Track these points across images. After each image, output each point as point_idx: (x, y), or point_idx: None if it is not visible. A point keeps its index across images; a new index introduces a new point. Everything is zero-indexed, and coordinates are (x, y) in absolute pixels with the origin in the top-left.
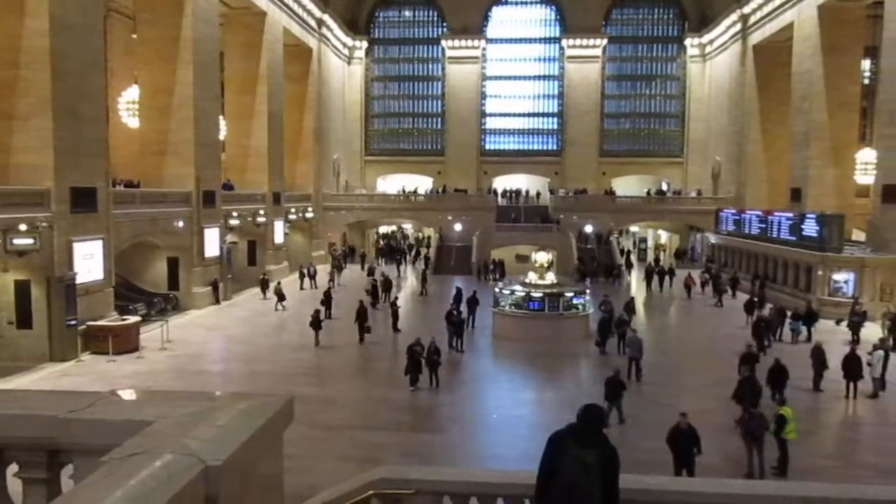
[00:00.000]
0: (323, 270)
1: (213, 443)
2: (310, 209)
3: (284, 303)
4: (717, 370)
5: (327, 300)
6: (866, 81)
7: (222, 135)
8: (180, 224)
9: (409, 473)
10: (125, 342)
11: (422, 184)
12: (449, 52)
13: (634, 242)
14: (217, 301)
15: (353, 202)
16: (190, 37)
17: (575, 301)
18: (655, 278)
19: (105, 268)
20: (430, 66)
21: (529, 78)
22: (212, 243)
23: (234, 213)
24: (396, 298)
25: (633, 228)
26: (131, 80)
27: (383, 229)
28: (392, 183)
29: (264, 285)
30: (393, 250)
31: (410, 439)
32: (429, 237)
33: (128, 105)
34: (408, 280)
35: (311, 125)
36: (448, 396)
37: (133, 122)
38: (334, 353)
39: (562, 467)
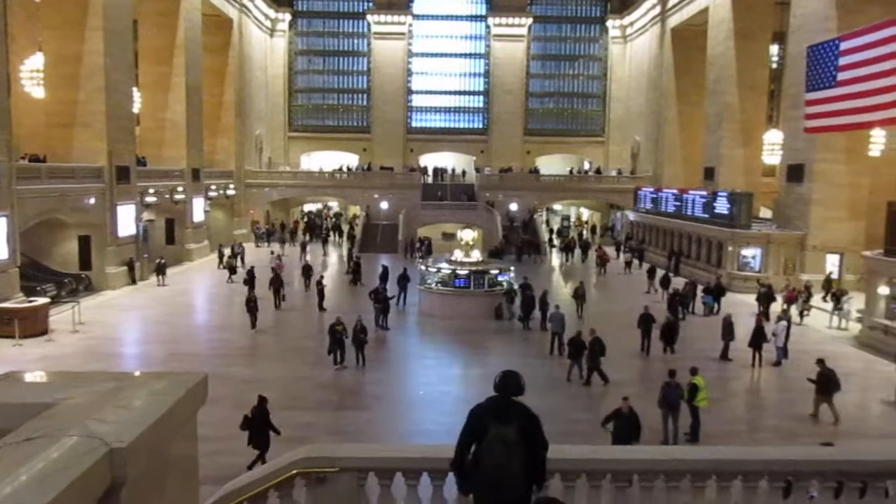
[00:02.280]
0: (249, 249)
1: (119, 424)
2: (231, 186)
3: (234, 277)
4: (635, 342)
5: (251, 280)
6: (774, 66)
7: (137, 107)
8: (91, 201)
9: (333, 451)
10: (32, 325)
11: (347, 161)
12: (375, 28)
13: (548, 220)
14: (133, 281)
15: (277, 179)
16: (99, 1)
17: (500, 278)
18: (578, 252)
19: (9, 247)
20: (356, 41)
21: (456, 55)
22: (126, 221)
23: (151, 190)
24: (322, 277)
25: (557, 206)
26: (35, 46)
27: (308, 207)
28: (317, 160)
29: (160, 270)
30: (317, 228)
31: (337, 418)
32: (354, 215)
33: (31, 74)
34: (333, 258)
35: (231, 99)
36: (374, 374)
37: (38, 93)
38: (260, 332)
39: (483, 447)
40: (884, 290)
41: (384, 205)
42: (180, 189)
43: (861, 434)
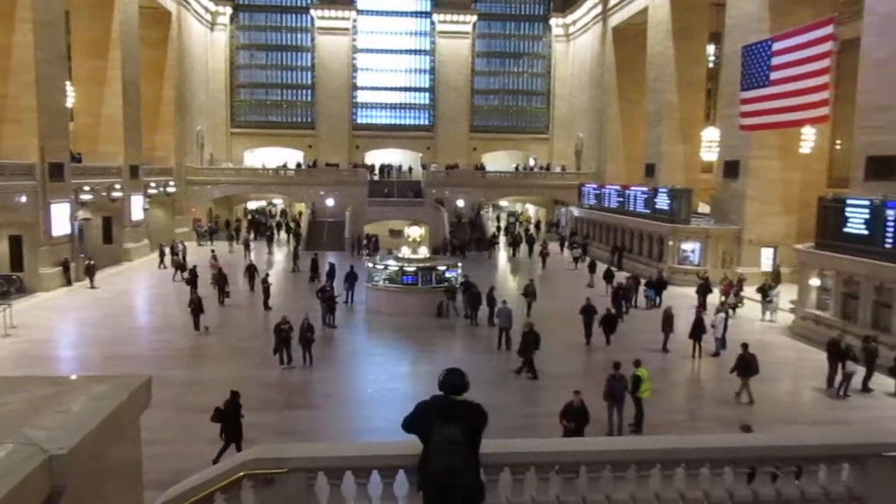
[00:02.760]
0: (191, 248)
1: (58, 430)
2: (171, 183)
3: (185, 274)
4: (579, 334)
5: (193, 279)
6: (711, 65)
7: (71, 102)
8: (23, 199)
9: (281, 452)
10: None
11: (292, 157)
12: (318, 23)
13: (499, 216)
14: (69, 282)
15: (219, 176)
16: None
17: (448, 274)
18: (524, 248)
19: None
20: (299, 35)
21: (401, 52)
22: (60, 220)
23: (87, 188)
24: (268, 275)
25: (503, 203)
26: None
27: (252, 205)
28: (261, 156)
29: (89, 272)
30: (261, 226)
31: (284, 418)
32: (300, 212)
33: None
34: (277, 256)
35: (171, 94)
36: (322, 373)
37: None
38: (203, 333)
39: (430, 448)
40: (815, 281)
41: (330, 202)
42: (118, 186)
43: (794, 420)
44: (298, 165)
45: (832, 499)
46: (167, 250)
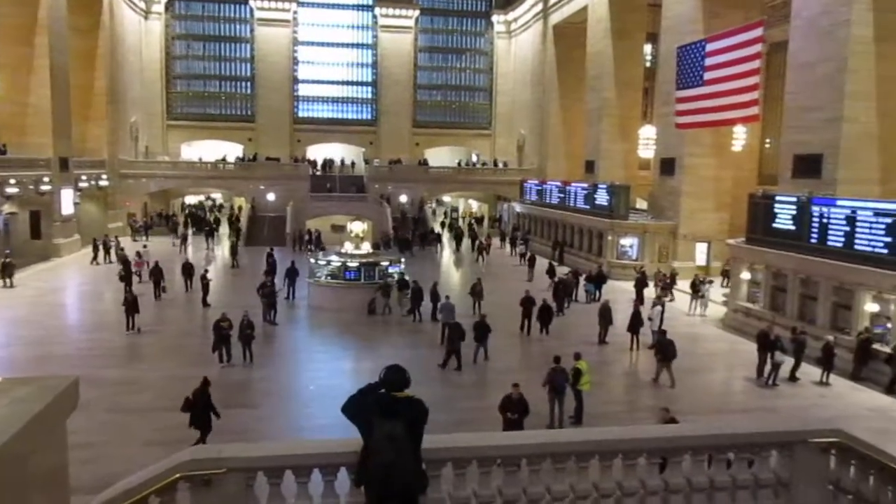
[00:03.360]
0: (127, 243)
1: None
2: (104, 176)
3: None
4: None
5: (128, 276)
6: (648, 64)
7: None
8: None
9: (219, 452)
10: None
11: (231, 151)
12: (258, 14)
13: (446, 212)
14: None
15: (155, 170)
16: None
17: (391, 270)
18: (467, 242)
19: None
20: (238, 26)
21: (343, 45)
22: None
23: (12, 181)
24: (207, 272)
25: (446, 198)
26: None
27: (190, 199)
28: (198, 149)
29: (6, 270)
30: (200, 221)
31: (223, 417)
32: (240, 207)
33: None
34: (217, 252)
35: (103, 84)
36: (262, 371)
37: None
38: (136, 334)
39: (371, 445)
40: (745, 275)
41: (271, 196)
42: (46, 179)
43: (726, 409)
44: (238, 159)
45: (761, 485)
46: (101, 245)
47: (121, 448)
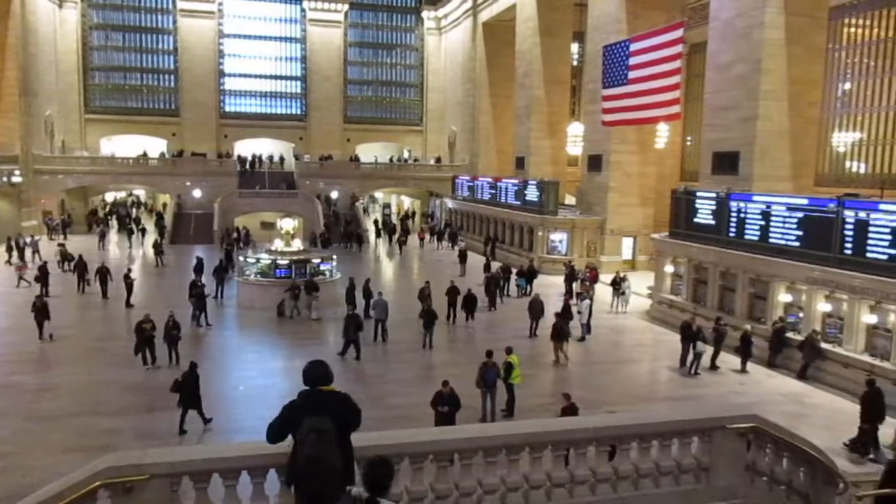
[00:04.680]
0: (43, 243)
1: None
2: (17, 172)
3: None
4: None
5: (44, 277)
6: (575, 63)
7: None
8: None
9: (141, 458)
10: None
11: (155, 146)
12: (181, 4)
13: (384, 208)
14: None
15: (73, 165)
16: None
17: (322, 267)
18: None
19: None
20: (160, 17)
21: (271, 38)
22: None
23: None
24: (130, 271)
25: (378, 195)
26: None
27: (111, 196)
28: (120, 144)
29: None
30: (122, 219)
31: (148, 421)
32: (164, 204)
33: None
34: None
35: (14, 75)
36: None
37: None
38: (54, 336)
39: (298, 440)
40: (669, 268)
41: (197, 193)
42: None
43: (651, 398)
44: (162, 155)
45: (683, 470)
46: (14, 243)
47: (38, 457)
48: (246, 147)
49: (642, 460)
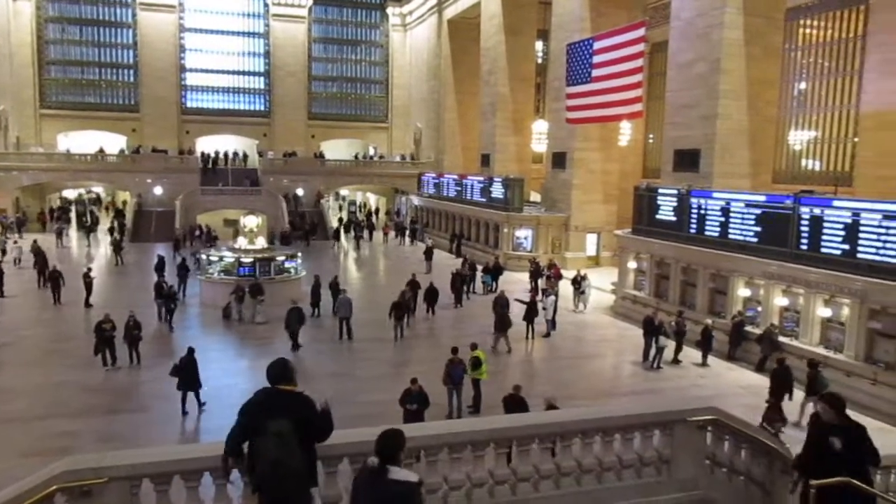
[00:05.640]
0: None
1: None
2: None
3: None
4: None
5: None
6: (540, 60)
7: None
8: None
9: (99, 461)
10: None
11: (114, 142)
12: None
13: (341, 206)
14: None
15: (28, 162)
16: None
17: (287, 265)
18: (364, 233)
19: None
20: (118, 10)
21: (233, 33)
22: None
23: None
24: (90, 270)
25: (343, 192)
26: None
27: (69, 193)
28: (77, 140)
29: None
30: (80, 216)
31: (108, 423)
32: (124, 202)
33: None
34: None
35: None
36: (151, 372)
37: None
38: (11, 335)
39: (258, 443)
40: (632, 264)
41: (158, 190)
42: None
43: (615, 393)
44: (122, 151)
45: (645, 462)
46: None
47: None
48: (208, 143)
49: (605, 454)
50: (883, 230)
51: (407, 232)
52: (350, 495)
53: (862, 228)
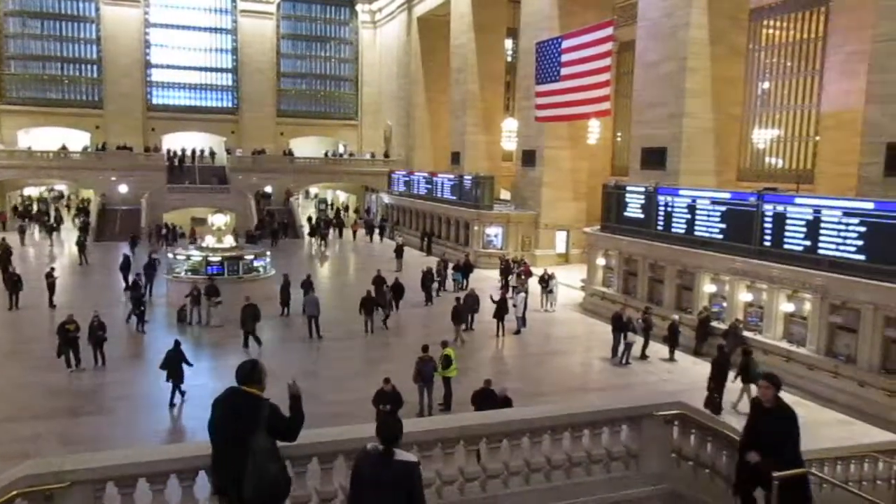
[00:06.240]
0: None
1: None
2: None
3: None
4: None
5: None
6: (509, 58)
7: None
8: None
9: (61, 465)
10: None
11: (77, 139)
12: None
13: (316, 204)
14: None
15: None
16: None
17: (256, 263)
18: (331, 230)
19: None
20: (81, 4)
21: (200, 29)
22: None
23: None
24: (53, 269)
25: (313, 189)
26: None
27: (31, 191)
28: (39, 137)
29: None
30: (43, 215)
31: (72, 426)
32: (88, 200)
33: None
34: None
35: None
36: (117, 374)
37: None
38: None
39: (224, 452)
40: (601, 261)
41: (123, 188)
42: None
43: (584, 388)
44: (85, 148)
45: (613, 457)
46: None
47: None
48: (175, 141)
49: (574, 450)
50: (843, 227)
51: (376, 230)
52: (351, 480)
53: (823, 225)
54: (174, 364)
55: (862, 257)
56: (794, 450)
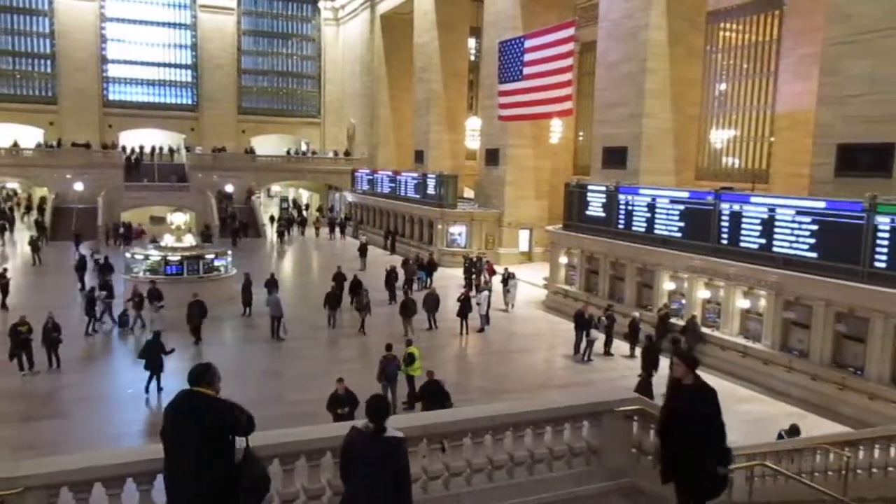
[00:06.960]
0: None
1: None
2: None
3: None
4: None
5: None
6: (473, 57)
7: None
8: None
9: (13, 470)
10: None
11: (29, 135)
12: None
13: (292, 201)
14: None
15: None
16: None
17: (216, 263)
18: (296, 228)
19: None
20: None
21: (158, 24)
22: None
23: None
24: (5, 270)
25: (275, 188)
26: None
27: None
28: None
29: None
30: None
31: (25, 430)
32: (42, 198)
33: None
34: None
35: None
36: (73, 376)
37: None
38: None
39: (177, 457)
40: (563, 259)
41: (79, 186)
42: None
43: (547, 385)
44: (39, 145)
45: (575, 453)
46: None
47: None
48: (133, 138)
49: (537, 446)
50: (796, 225)
51: (337, 228)
52: (341, 458)
53: (777, 224)
54: (153, 354)
55: (814, 255)
56: (720, 431)
